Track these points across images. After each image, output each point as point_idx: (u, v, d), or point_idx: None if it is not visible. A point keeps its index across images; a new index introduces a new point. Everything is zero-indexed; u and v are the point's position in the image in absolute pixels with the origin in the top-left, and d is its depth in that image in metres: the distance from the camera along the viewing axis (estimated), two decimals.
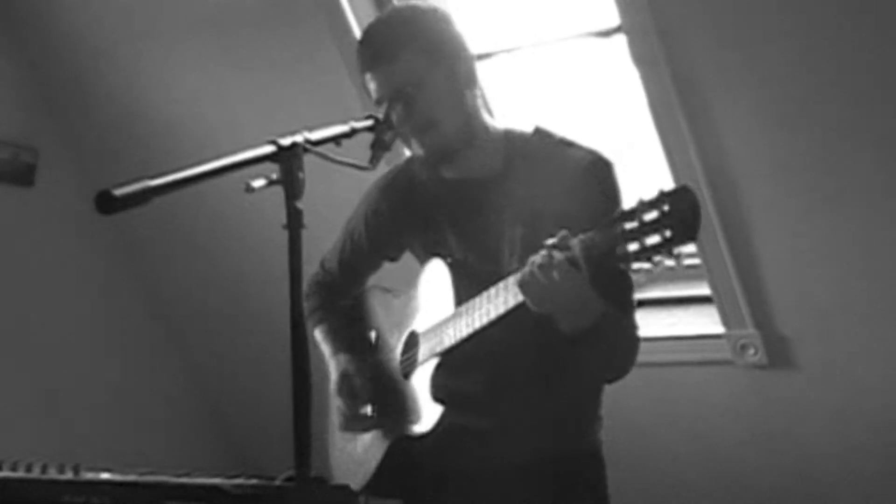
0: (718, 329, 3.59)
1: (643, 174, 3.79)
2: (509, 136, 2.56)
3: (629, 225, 1.97)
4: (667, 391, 3.82)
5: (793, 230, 3.31)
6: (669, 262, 1.96)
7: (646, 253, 1.95)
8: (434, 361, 2.48)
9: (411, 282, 2.69)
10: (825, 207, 3.20)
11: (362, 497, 2.60)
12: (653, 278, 3.86)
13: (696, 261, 3.56)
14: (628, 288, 2.47)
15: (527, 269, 2.15)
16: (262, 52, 2.40)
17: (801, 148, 3.14)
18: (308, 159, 1.93)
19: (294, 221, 1.83)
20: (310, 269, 2.85)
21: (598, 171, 2.42)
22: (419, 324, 2.61)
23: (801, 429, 3.63)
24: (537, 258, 2.13)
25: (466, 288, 2.42)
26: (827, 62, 2.98)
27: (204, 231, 4.70)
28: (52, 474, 1.93)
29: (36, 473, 1.93)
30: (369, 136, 2.27)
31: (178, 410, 5.08)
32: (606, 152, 2.47)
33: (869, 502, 3.59)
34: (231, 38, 4.00)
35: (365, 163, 2.24)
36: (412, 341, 2.62)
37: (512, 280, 2.22)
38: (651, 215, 1.94)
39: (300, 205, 1.83)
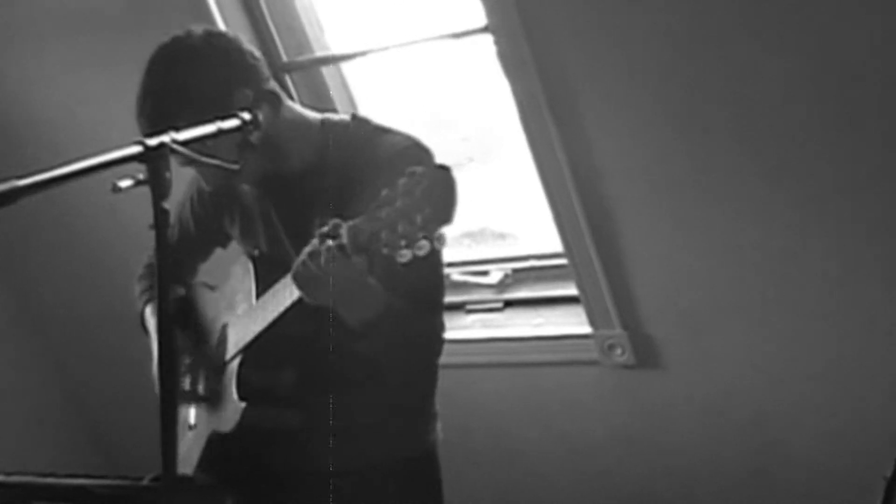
0: (586, 329, 3.62)
1: (511, 173, 3.89)
2: (326, 125, 2.57)
3: (389, 210, 1.96)
4: (533, 391, 3.86)
5: (660, 230, 3.34)
6: (436, 245, 1.94)
7: (407, 237, 1.93)
8: (238, 358, 2.52)
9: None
10: (693, 207, 3.24)
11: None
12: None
13: (563, 260, 3.60)
14: (433, 287, 2.52)
15: (298, 259, 2.18)
16: (132, 53, 2.41)
17: (668, 147, 3.17)
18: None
19: (161, 221, 1.84)
20: None
21: (412, 157, 2.36)
22: (230, 319, 2.65)
23: (669, 428, 3.68)
24: (308, 247, 2.16)
25: (272, 282, 2.42)
26: (696, 60, 3.01)
27: (70, 231, 4.68)
28: None
29: None
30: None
31: (44, 410, 5.06)
32: (427, 140, 2.47)
33: (735, 501, 3.66)
34: (100, 39, 4.02)
35: (231, 163, 2.28)
36: (223, 336, 2.66)
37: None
38: (406, 200, 1.94)
39: (167, 205, 1.84)
